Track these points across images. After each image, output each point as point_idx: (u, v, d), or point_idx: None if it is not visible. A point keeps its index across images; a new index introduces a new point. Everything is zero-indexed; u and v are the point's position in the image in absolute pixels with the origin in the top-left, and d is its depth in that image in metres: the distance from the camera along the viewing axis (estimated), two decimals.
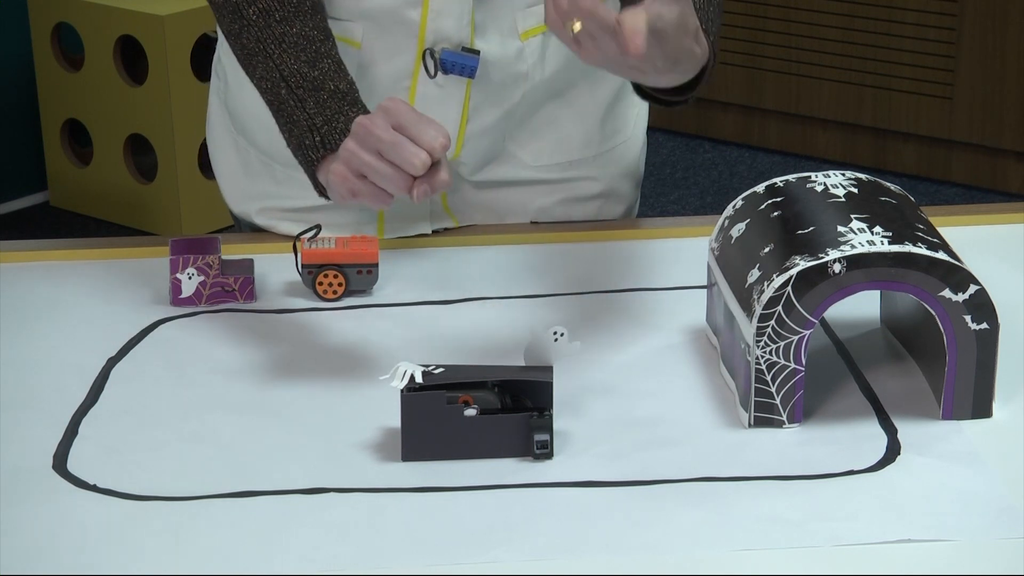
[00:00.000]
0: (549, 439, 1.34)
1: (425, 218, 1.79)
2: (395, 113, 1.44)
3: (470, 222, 1.81)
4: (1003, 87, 4.26)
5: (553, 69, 1.74)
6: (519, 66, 1.72)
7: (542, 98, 1.76)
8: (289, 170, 1.75)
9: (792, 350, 1.36)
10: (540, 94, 1.75)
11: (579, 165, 1.81)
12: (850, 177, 1.49)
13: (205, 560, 1.21)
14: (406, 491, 1.30)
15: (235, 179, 1.84)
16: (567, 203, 1.82)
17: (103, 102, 4.16)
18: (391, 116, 1.44)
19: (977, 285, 1.36)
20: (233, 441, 1.38)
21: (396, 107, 1.45)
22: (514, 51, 1.70)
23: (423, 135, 1.42)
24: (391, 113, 1.44)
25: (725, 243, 1.49)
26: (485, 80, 1.70)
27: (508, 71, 1.71)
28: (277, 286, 1.68)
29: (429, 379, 1.33)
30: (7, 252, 1.74)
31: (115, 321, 1.60)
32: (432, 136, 1.42)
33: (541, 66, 1.73)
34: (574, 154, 1.80)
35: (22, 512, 1.28)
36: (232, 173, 1.84)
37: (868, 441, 1.36)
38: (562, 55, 1.73)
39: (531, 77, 1.73)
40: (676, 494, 1.29)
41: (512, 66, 1.71)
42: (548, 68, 1.74)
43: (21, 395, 1.46)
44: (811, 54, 4.53)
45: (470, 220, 1.81)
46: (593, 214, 1.84)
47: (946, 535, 1.23)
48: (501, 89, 1.72)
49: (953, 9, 4.26)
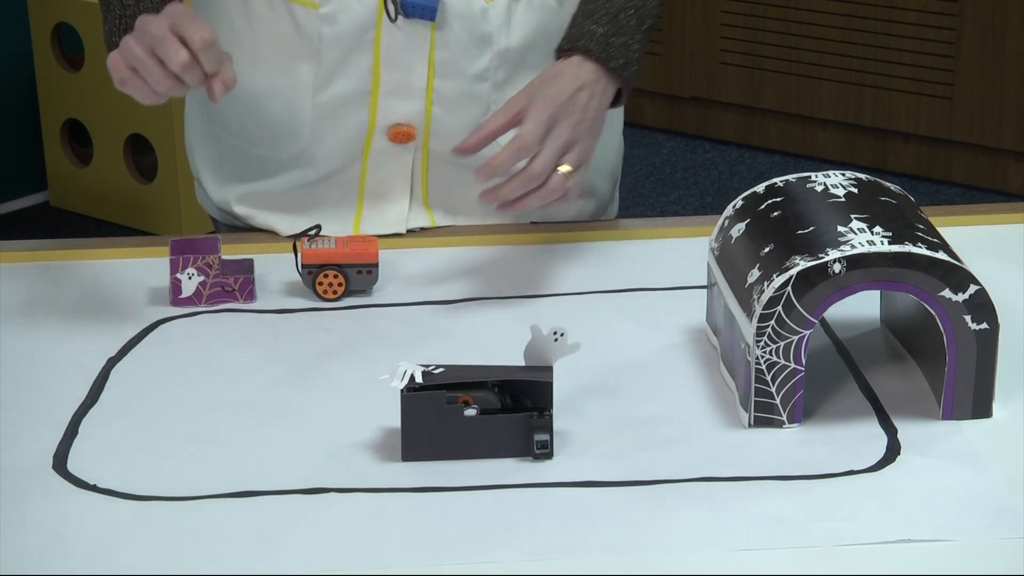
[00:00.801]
0: (549, 439, 1.34)
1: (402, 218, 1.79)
2: (172, 14, 1.52)
3: (450, 221, 1.81)
4: (1003, 87, 4.26)
5: (520, 38, 1.74)
6: (483, 26, 1.72)
7: (512, 71, 1.75)
8: (263, 153, 1.77)
9: (792, 350, 1.36)
10: (510, 66, 1.75)
11: None
12: (850, 177, 1.49)
13: (205, 560, 1.21)
14: (406, 491, 1.30)
15: (213, 170, 1.85)
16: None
17: (103, 102, 4.16)
18: (169, 17, 1.52)
19: (977, 285, 1.36)
20: (233, 441, 1.38)
21: (175, 9, 1.53)
22: (478, 10, 1.71)
23: (189, 32, 1.50)
24: (170, 14, 1.52)
25: (725, 243, 1.49)
26: (449, 35, 1.71)
27: (472, 29, 1.71)
28: (277, 286, 1.68)
29: (429, 379, 1.33)
30: (7, 252, 1.74)
31: (115, 321, 1.60)
32: (193, 31, 1.50)
33: (507, 31, 1.73)
34: None
35: (22, 512, 1.28)
36: (209, 164, 1.85)
37: (868, 441, 1.36)
38: (529, 25, 1.74)
39: (496, 41, 1.73)
40: (676, 494, 1.29)
41: (476, 25, 1.71)
42: (515, 36, 1.74)
43: (21, 395, 1.46)
44: (811, 54, 4.53)
45: (450, 218, 1.81)
46: (572, 213, 1.84)
47: (946, 535, 1.23)
48: (466, 50, 1.72)
49: (953, 9, 4.26)
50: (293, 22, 1.71)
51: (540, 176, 1.57)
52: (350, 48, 1.71)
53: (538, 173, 1.57)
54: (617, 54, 1.66)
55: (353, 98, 1.73)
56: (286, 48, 1.73)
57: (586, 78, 1.64)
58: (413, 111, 1.74)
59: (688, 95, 4.79)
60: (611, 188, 1.90)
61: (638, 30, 1.68)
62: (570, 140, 1.59)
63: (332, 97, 1.73)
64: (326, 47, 1.70)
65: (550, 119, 1.58)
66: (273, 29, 1.73)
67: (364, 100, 1.73)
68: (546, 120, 1.58)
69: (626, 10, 1.68)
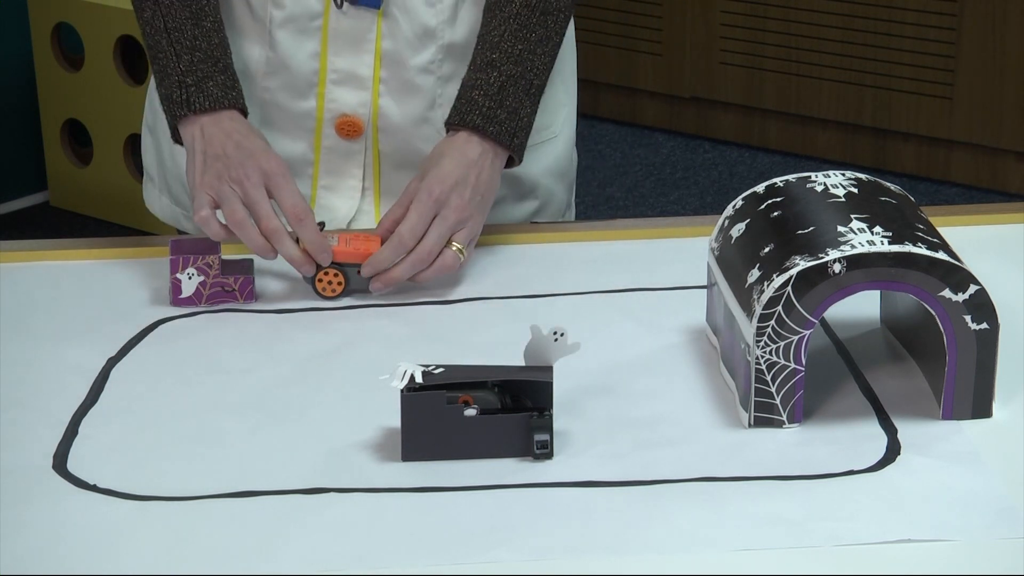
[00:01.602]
0: (549, 439, 1.34)
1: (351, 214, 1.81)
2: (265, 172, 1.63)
3: None
4: (1003, 87, 4.26)
5: (465, 33, 1.75)
6: (428, 19, 1.74)
7: (457, 65, 1.76)
8: None
9: (792, 350, 1.36)
10: (455, 61, 1.76)
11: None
12: (850, 177, 1.49)
13: (205, 560, 1.21)
14: (406, 491, 1.30)
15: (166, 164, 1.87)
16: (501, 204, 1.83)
17: (103, 102, 4.16)
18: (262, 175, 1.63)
19: (977, 285, 1.36)
20: (233, 441, 1.38)
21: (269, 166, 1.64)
22: (423, 2, 1.73)
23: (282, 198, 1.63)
24: (262, 172, 1.63)
25: (725, 243, 1.49)
26: (394, 26, 1.73)
27: (416, 21, 1.74)
28: (277, 286, 1.68)
29: (429, 379, 1.33)
30: (7, 252, 1.74)
31: (115, 321, 1.60)
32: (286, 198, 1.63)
33: (451, 26, 1.75)
34: None
35: (22, 512, 1.28)
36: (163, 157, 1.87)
37: (868, 441, 1.36)
38: (474, 21, 1.75)
39: (441, 35, 1.74)
40: (676, 494, 1.29)
41: (420, 17, 1.74)
42: (459, 31, 1.75)
43: (21, 395, 1.46)
44: (811, 54, 4.53)
45: None
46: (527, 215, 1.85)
47: (946, 535, 1.23)
48: (411, 41, 1.74)
49: (953, 9, 4.26)
50: (246, 3, 1.75)
51: (427, 259, 1.63)
52: (299, 32, 1.74)
53: (424, 257, 1.63)
54: (504, 127, 1.69)
55: (301, 84, 1.76)
56: (240, 29, 1.77)
57: (472, 156, 1.67)
58: (359, 102, 1.76)
59: (688, 95, 4.79)
60: (566, 191, 1.92)
61: (527, 93, 1.71)
62: (459, 220, 1.64)
63: (282, 82, 1.76)
64: (276, 29, 1.74)
65: (435, 206, 1.63)
66: (228, 9, 1.76)
67: (312, 88, 1.76)
68: (430, 210, 1.63)
69: (513, 77, 1.70)
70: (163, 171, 1.89)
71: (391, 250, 1.63)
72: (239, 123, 1.66)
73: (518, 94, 1.70)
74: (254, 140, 1.65)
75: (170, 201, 1.88)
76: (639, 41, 4.83)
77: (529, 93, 1.71)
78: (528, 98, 1.71)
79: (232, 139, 1.64)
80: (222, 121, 1.66)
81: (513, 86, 1.69)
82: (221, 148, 1.63)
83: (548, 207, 1.89)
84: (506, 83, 1.69)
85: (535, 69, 1.71)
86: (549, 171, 1.87)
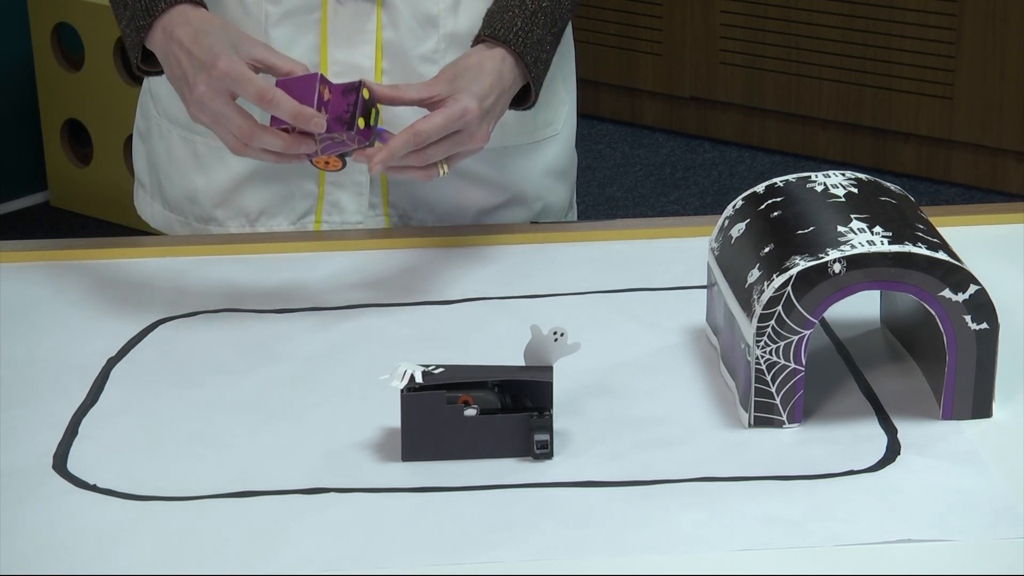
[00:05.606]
0: (549, 439, 1.34)
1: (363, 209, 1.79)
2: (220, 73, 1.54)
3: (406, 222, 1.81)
4: (1003, 87, 4.26)
5: (467, 23, 1.74)
6: (429, 8, 1.73)
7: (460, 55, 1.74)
8: (209, 141, 1.79)
9: (792, 350, 1.36)
10: (457, 50, 1.75)
11: (512, 153, 1.82)
12: (850, 177, 1.49)
13: (205, 560, 1.21)
14: (406, 491, 1.30)
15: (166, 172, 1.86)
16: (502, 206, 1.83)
17: (103, 102, 4.16)
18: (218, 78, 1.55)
19: (977, 285, 1.36)
20: (233, 441, 1.38)
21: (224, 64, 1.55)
22: None
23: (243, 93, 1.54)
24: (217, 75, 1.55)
25: (725, 243, 1.49)
26: (395, 15, 1.72)
27: (417, 10, 1.73)
28: (277, 286, 1.68)
29: (429, 379, 1.33)
30: (7, 252, 1.74)
31: (115, 321, 1.60)
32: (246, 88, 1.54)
33: (453, 15, 1.74)
34: (509, 140, 1.81)
35: (22, 512, 1.28)
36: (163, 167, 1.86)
37: (868, 441, 1.36)
38: (477, 10, 1.75)
39: (443, 24, 1.74)
40: (676, 494, 1.29)
41: (421, 6, 1.73)
42: (461, 20, 1.74)
43: (21, 395, 1.46)
44: (811, 54, 4.54)
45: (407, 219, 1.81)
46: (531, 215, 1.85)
47: (946, 535, 1.23)
48: (412, 31, 1.73)
49: (953, 9, 4.26)
50: (240, 1, 1.74)
51: (422, 163, 1.57)
52: (297, 27, 1.73)
53: (420, 159, 1.57)
54: (531, 55, 1.67)
55: None
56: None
57: (506, 83, 1.65)
58: None
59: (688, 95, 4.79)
60: (567, 191, 1.91)
61: (550, 31, 1.69)
62: (472, 151, 1.62)
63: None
64: (273, 26, 1.73)
65: (462, 124, 1.58)
66: (221, 7, 1.75)
67: None
68: (455, 125, 1.57)
69: (544, 9, 1.69)
70: (154, 177, 1.89)
71: (403, 143, 1.55)
72: (186, 27, 1.60)
73: (545, 27, 1.68)
74: (202, 42, 1.58)
75: (162, 207, 1.88)
76: (639, 41, 4.84)
77: (552, 32, 1.69)
78: (551, 36, 1.69)
79: (184, 49, 1.58)
80: (173, 30, 1.60)
81: (543, 16, 1.68)
82: (179, 68, 1.59)
83: (550, 208, 1.88)
84: (537, 12, 1.68)
85: (559, 10, 1.70)
86: (550, 171, 1.87)
